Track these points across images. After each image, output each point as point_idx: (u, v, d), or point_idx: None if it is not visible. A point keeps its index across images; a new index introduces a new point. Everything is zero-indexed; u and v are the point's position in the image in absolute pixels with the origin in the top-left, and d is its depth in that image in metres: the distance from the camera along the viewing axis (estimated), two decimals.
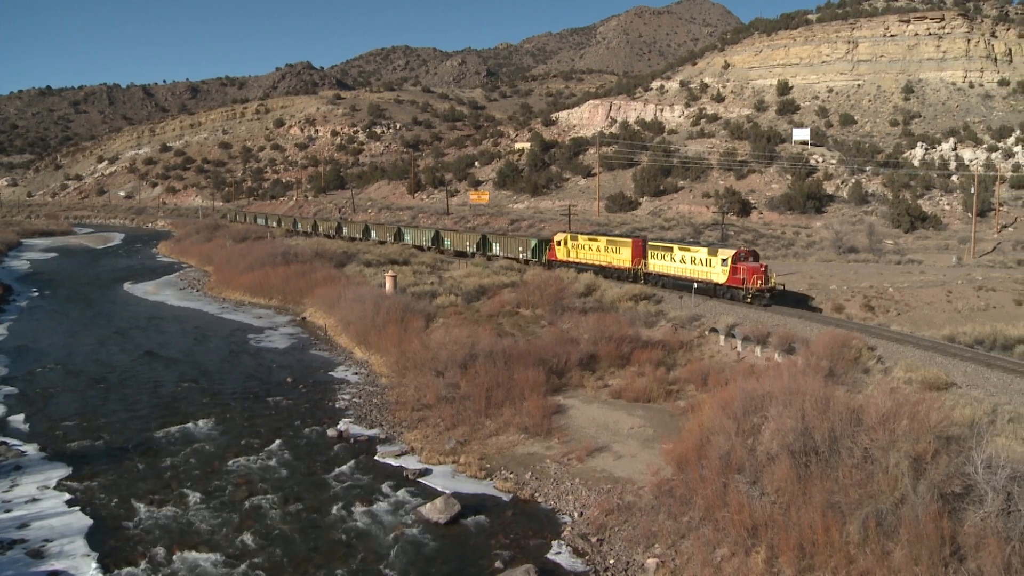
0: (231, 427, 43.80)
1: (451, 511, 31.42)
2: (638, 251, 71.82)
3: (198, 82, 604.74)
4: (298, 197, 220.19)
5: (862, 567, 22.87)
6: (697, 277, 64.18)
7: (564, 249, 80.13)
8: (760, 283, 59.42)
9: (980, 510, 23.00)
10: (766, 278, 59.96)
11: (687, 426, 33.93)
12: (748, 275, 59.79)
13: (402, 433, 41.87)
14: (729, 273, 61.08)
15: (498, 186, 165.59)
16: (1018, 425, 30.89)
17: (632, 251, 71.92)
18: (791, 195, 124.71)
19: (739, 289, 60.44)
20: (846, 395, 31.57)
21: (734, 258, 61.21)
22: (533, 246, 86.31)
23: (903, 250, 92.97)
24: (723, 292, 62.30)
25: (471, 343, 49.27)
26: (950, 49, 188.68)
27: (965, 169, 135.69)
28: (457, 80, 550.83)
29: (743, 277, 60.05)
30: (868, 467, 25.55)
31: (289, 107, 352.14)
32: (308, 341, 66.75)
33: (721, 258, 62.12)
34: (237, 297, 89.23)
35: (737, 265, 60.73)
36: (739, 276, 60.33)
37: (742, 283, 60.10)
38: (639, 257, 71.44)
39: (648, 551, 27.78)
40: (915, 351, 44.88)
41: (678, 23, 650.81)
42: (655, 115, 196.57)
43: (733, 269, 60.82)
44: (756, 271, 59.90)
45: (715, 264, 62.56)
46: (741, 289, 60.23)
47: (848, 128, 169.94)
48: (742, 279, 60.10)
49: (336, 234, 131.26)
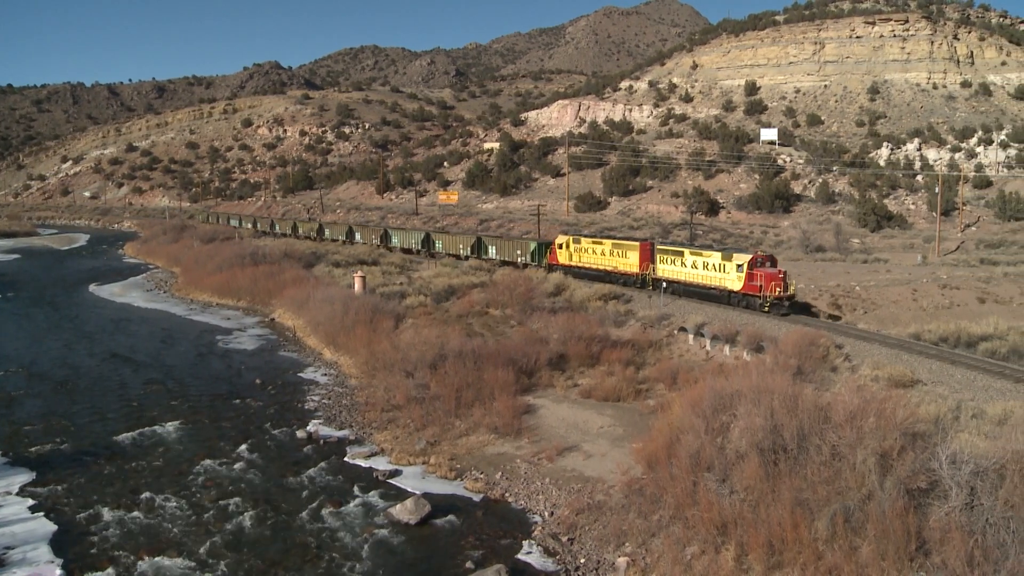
0: (199, 430, 43.42)
1: (421, 512, 31.33)
2: (646, 255, 67.68)
3: (164, 81, 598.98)
4: (266, 197, 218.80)
5: (830, 563, 23.07)
6: (710, 284, 60.15)
7: (566, 252, 76.03)
8: (779, 290, 55.14)
9: (945, 505, 23.26)
10: (785, 285, 55.81)
11: (657, 425, 34.05)
12: (765, 282, 55.39)
13: (372, 434, 41.72)
14: (745, 280, 56.75)
15: (467, 186, 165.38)
16: (981, 421, 31.28)
17: (640, 255, 67.80)
18: (759, 195, 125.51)
19: (755, 297, 56.05)
20: (814, 393, 31.80)
21: (750, 263, 56.88)
22: (532, 249, 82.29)
23: (869, 249, 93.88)
24: (738, 300, 57.81)
25: (441, 343, 49.24)
26: (914, 51, 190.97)
27: (929, 169, 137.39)
28: (426, 80, 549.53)
29: (760, 284, 55.65)
30: (836, 464, 25.77)
31: (257, 107, 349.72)
32: (277, 342, 66.35)
33: (736, 263, 57.79)
34: (205, 298, 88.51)
35: (754, 271, 56.44)
36: (756, 283, 55.98)
37: (759, 290, 55.69)
38: (647, 261, 67.29)
39: (619, 550, 27.85)
40: (882, 349, 45.33)
41: (647, 23, 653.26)
42: (624, 115, 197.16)
43: (749, 275, 56.48)
44: (774, 277, 55.53)
45: (729, 270, 58.33)
46: (758, 297, 55.80)
47: (815, 128, 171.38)
48: (759, 286, 55.70)
49: (318, 236, 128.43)
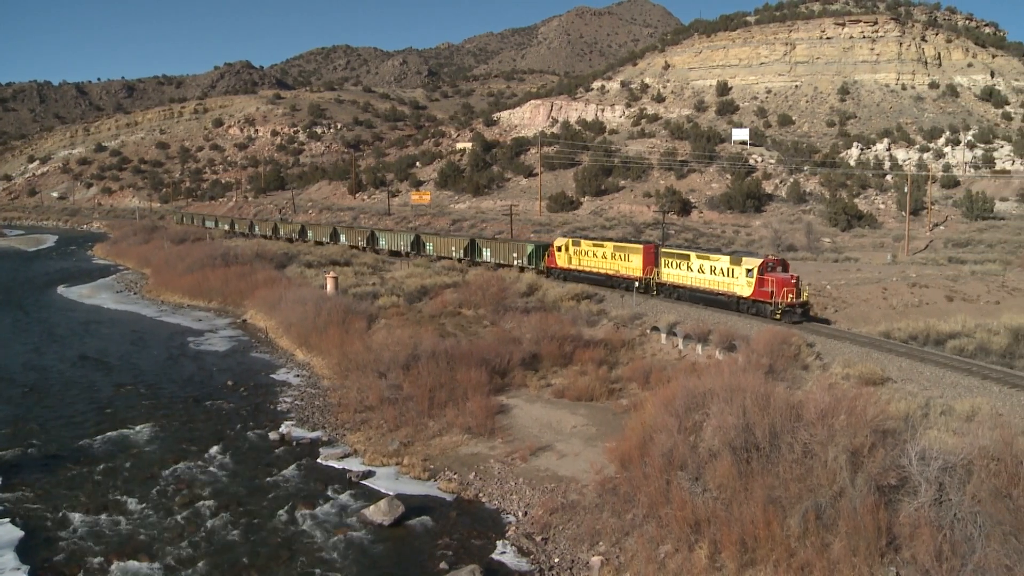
0: (170, 432, 43.06)
1: (395, 513, 31.27)
2: (650, 258, 64.59)
3: (134, 80, 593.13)
4: (238, 198, 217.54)
5: (802, 560, 23.26)
6: (717, 289, 57.35)
7: (565, 256, 73.01)
8: (791, 297, 52.26)
9: (914, 501, 23.54)
10: (798, 291, 52.97)
11: (630, 424, 34.15)
12: (777, 288, 52.58)
13: (345, 435, 41.57)
14: (755, 285, 53.88)
15: (439, 186, 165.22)
16: (950, 417, 31.65)
17: (643, 259, 64.66)
18: (731, 194, 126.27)
19: (766, 304, 53.18)
20: (786, 391, 32.01)
21: (760, 268, 53.97)
22: (530, 252, 78.80)
23: (840, 248, 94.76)
24: (747, 307, 54.93)
25: (413, 344, 49.16)
26: (883, 52, 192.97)
27: (899, 169, 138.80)
28: (398, 80, 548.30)
29: (771, 290, 52.83)
30: (807, 462, 25.97)
31: (228, 107, 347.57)
32: (249, 343, 65.96)
33: (746, 268, 54.97)
34: (176, 300, 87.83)
35: (764, 276, 53.56)
36: (767, 289, 53.14)
37: (770, 297, 52.90)
38: (651, 265, 64.28)
39: (593, 549, 27.92)
40: (852, 347, 45.73)
41: (619, 24, 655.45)
42: (596, 115, 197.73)
43: (760, 281, 53.66)
44: (786, 283, 52.62)
45: (738, 275, 55.48)
46: (769, 304, 52.96)
47: (786, 128, 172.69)
48: (770, 292, 52.90)
49: (300, 237, 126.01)
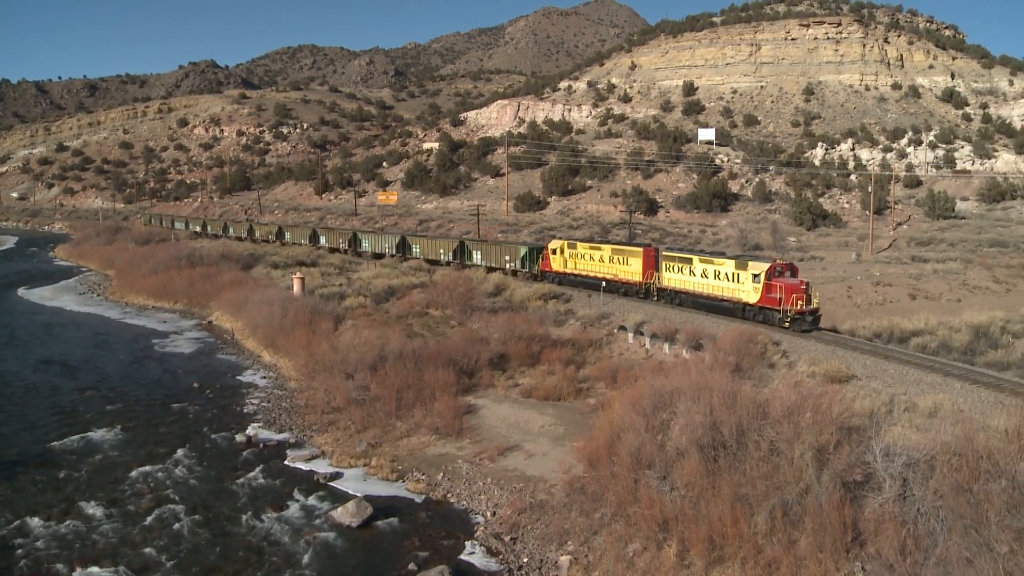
0: (135, 435, 42.60)
1: (363, 514, 31.16)
2: (650, 262, 62.16)
3: (96, 79, 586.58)
4: (203, 198, 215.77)
5: (769, 556, 23.44)
6: (722, 295, 54.58)
7: (560, 259, 70.27)
8: (801, 304, 49.37)
9: (879, 496, 23.81)
10: (808, 297, 50.14)
11: (597, 423, 34.27)
12: (786, 294, 49.67)
13: (312, 437, 41.37)
14: (762, 291, 51.17)
15: (406, 186, 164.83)
16: (913, 414, 32.09)
17: (643, 262, 62.19)
18: (697, 194, 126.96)
19: (774, 311, 50.38)
20: (752, 390, 32.23)
21: (768, 273, 51.14)
22: (523, 255, 75.91)
23: (805, 247, 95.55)
24: (753, 314, 52.15)
25: (381, 344, 49.01)
26: (847, 53, 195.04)
27: (863, 169, 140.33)
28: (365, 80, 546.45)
29: (779, 296, 49.93)
30: (774, 459, 26.18)
31: (193, 106, 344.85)
32: (215, 345, 65.43)
33: (752, 273, 52.12)
34: (140, 301, 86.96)
35: (772, 282, 50.72)
36: (774, 295, 50.27)
37: (778, 304, 49.98)
38: (651, 269, 61.78)
39: (561, 548, 27.97)
40: (817, 345, 46.16)
41: (585, 24, 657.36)
42: (563, 115, 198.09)
43: (767, 287, 50.86)
44: (795, 289, 49.72)
45: (744, 280, 52.77)
46: (777, 311, 50.17)
47: (752, 128, 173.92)
48: (778, 299, 49.98)
49: (277, 239, 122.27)
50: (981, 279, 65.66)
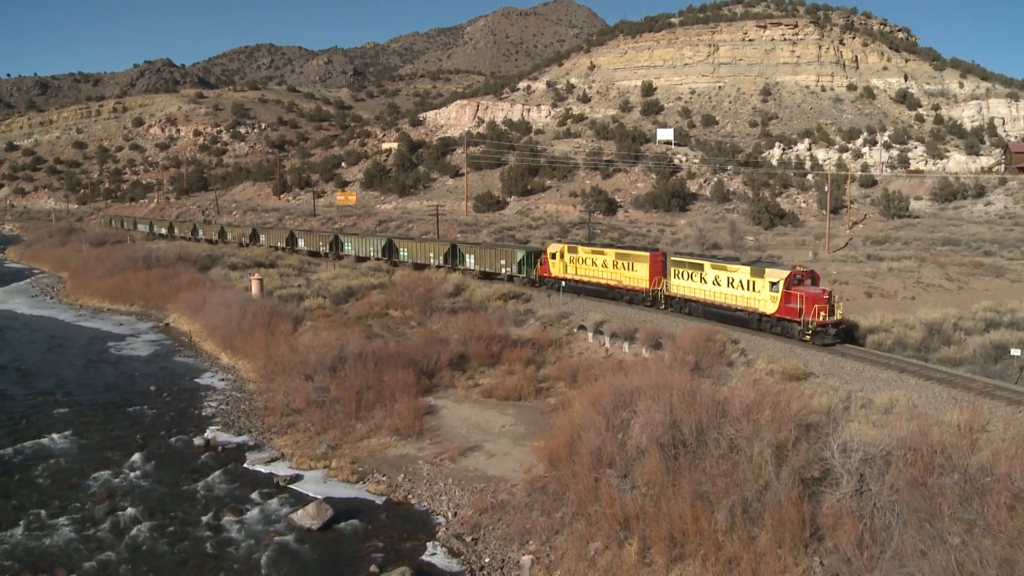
0: (90, 440, 41.96)
1: (323, 517, 30.94)
2: (657, 268, 59.06)
3: (48, 77, 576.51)
4: (159, 199, 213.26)
5: (730, 553, 23.61)
6: (736, 304, 51.04)
7: (560, 264, 66.72)
8: (823, 315, 45.67)
9: (837, 492, 24.12)
10: (831, 308, 46.38)
11: (558, 423, 34.32)
12: (807, 304, 45.92)
13: (272, 439, 41.02)
14: (780, 301, 47.51)
15: (365, 187, 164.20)
16: (869, 410, 32.54)
17: (650, 268, 58.92)
18: (656, 194, 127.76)
19: (794, 323, 46.76)
20: (712, 388, 32.46)
21: (787, 281, 47.47)
22: (520, 259, 71.83)
23: (763, 246, 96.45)
24: (771, 325, 48.63)
25: (340, 345, 48.72)
26: (803, 54, 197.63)
27: (819, 168, 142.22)
28: (323, 79, 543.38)
29: (800, 307, 46.22)
30: (734, 457, 26.40)
31: (149, 106, 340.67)
32: (172, 348, 64.67)
33: (769, 281, 48.47)
34: (95, 303, 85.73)
35: (791, 291, 47.05)
36: (794, 305, 46.62)
37: (798, 315, 46.29)
38: (658, 275, 58.62)
39: (523, 548, 27.97)
40: (776, 343, 46.60)
41: (544, 24, 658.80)
42: (522, 115, 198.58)
43: (786, 296, 47.25)
44: (817, 299, 45.97)
45: (760, 288, 49.23)
46: (797, 323, 46.48)
47: (710, 128, 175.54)
48: (798, 309, 46.29)
49: (252, 242, 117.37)
50: (934, 277, 66.78)
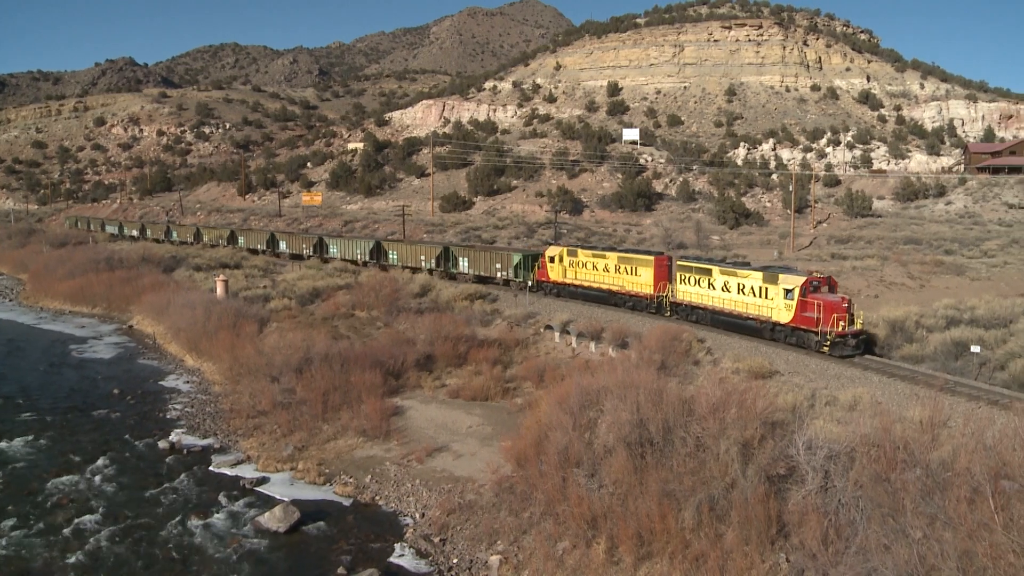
0: (51, 445, 41.39)
1: (290, 519, 30.77)
2: (662, 272, 56.68)
3: (5, 75, 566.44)
4: (122, 200, 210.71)
5: (697, 551, 23.76)
6: (747, 312, 48.55)
7: (559, 267, 64.55)
8: (842, 325, 43.15)
9: (802, 489, 24.35)
10: (851, 317, 43.90)
11: (525, 423, 34.36)
12: (824, 313, 43.40)
13: (238, 441, 40.73)
14: (796, 309, 44.94)
15: (331, 187, 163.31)
16: (834, 407, 32.92)
17: (654, 272, 56.59)
18: (622, 193, 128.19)
19: (811, 333, 44.20)
20: (678, 386, 32.68)
21: (803, 288, 44.88)
22: (516, 262, 69.14)
23: (729, 245, 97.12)
24: (785, 335, 46.20)
25: (306, 347, 48.51)
26: (768, 55, 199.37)
27: (784, 168, 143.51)
28: (288, 79, 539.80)
29: (818, 316, 43.63)
30: (700, 455, 26.55)
31: (111, 105, 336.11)
32: (136, 350, 63.99)
33: (784, 288, 45.83)
34: (56, 306, 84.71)
35: (808, 299, 44.51)
36: (811, 314, 44.03)
37: (815, 324, 43.73)
38: (664, 281, 56.28)
39: (491, 548, 27.99)
40: (741, 342, 47.00)
41: (511, 24, 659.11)
42: (488, 115, 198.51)
43: (802, 304, 44.66)
44: (836, 307, 43.39)
45: (774, 295, 46.59)
46: (814, 333, 43.92)
47: (675, 128, 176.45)
48: (816, 319, 43.71)
49: (229, 243, 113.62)
50: (897, 275, 67.58)
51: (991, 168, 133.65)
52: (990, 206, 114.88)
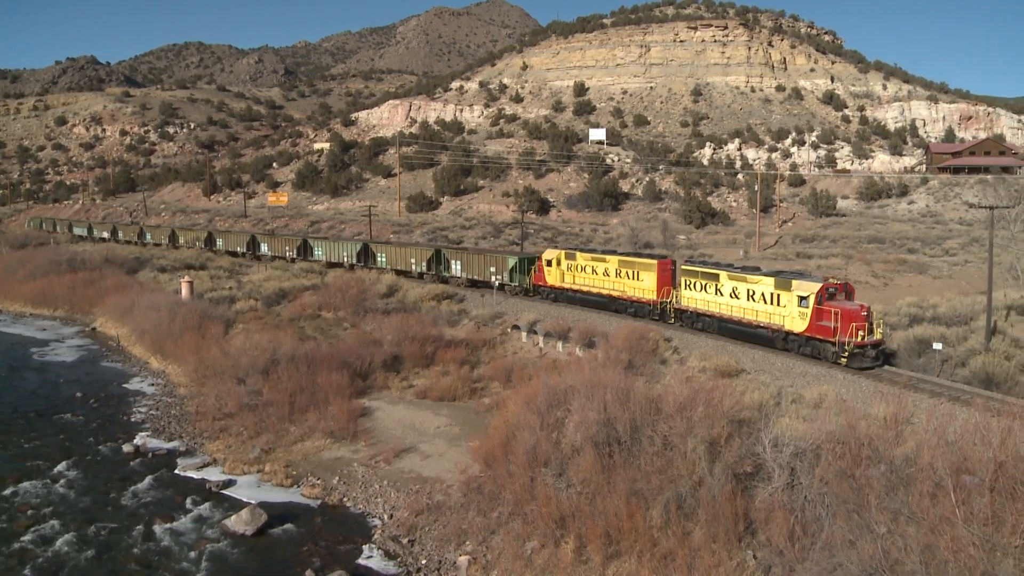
0: (12, 450, 40.77)
1: (257, 522, 30.53)
2: (665, 277, 53.75)
3: None
4: (85, 200, 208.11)
5: (665, 549, 23.87)
6: (757, 321, 45.56)
7: (557, 271, 61.89)
8: (861, 334, 40.18)
9: (769, 486, 24.58)
10: (869, 326, 40.87)
11: (493, 423, 34.40)
12: (842, 322, 40.43)
13: (204, 444, 40.38)
14: (811, 318, 41.96)
15: (297, 187, 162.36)
16: (800, 405, 33.23)
17: (657, 277, 53.53)
18: (588, 193, 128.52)
19: (827, 343, 41.21)
20: (645, 386, 32.80)
21: (819, 295, 41.97)
22: (512, 266, 66.36)
23: (695, 244, 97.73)
24: (799, 345, 43.24)
25: (272, 348, 48.16)
26: (733, 56, 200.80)
27: (749, 168, 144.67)
28: (254, 79, 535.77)
29: (835, 325, 40.65)
30: (668, 454, 26.69)
31: (72, 104, 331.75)
32: (99, 353, 63.24)
33: (798, 295, 42.92)
34: (16, 308, 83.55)
35: (824, 306, 41.60)
36: (827, 323, 41.10)
37: (832, 333, 40.76)
38: (667, 286, 53.35)
39: (460, 548, 27.96)
40: (708, 341, 47.29)
41: (477, 24, 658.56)
42: (455, 115, 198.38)
43: (817, 312, 41.73)
44: (854, 316, 40.48)
45: (787, 303, 43.65)
46: (831, 343, 40.94)
47: (642, 128, 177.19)
48: (832, 328, 40.73)
49: (206, 245, 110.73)
50: (861, 274, 68.36)
51: (952, 168, 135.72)
52: (951, 205, 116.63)
